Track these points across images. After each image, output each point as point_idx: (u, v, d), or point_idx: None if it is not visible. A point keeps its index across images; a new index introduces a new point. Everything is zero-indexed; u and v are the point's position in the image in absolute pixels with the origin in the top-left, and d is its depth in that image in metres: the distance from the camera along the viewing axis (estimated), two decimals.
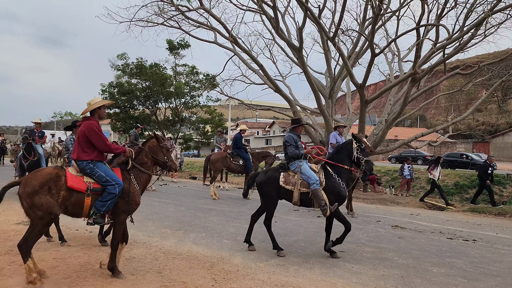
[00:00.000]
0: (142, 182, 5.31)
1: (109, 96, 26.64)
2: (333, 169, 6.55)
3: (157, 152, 5.43)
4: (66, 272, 5.22)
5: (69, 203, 4.78)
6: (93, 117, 5.17)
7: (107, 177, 4.92)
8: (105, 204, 4.86)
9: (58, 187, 4.70)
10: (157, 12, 15.69)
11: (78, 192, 4.81)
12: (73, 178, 4.84)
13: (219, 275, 5.30)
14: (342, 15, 13.40)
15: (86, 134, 4.97)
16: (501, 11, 12.63)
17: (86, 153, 4.97)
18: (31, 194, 4.56)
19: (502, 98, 45.53)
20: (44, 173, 4.75)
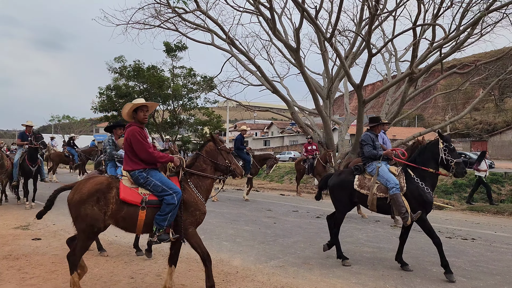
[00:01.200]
0: (204, 189, 4.78)
1: (107, 99, 26.62)
2: (416, 172, 5.92)
3: (216, 155, 4.88)
4: (65, 276, 5.19)
5: (120, 217, 4.37)
6: (134, 123, 4.70)
7: (163, 186, 4.44)
8: (165, 218, 4.38)
9: (107, 199, 4.31)
10: (154, 15, 15.70)
11: (131, 205, 4.37)
12: (126, 190, 4.43)
13: (218, 277, 5.29)
14: (339, 15, 13.45)
15: (129, 141, 4.56)
16: (497, 10, 12.68)
17: (136, 162, 4.55)
18: (78, 203, 4.28)
19: (499, 97, 45.67)
20: (95, 182, 4.40)
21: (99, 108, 26.75)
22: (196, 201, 4.63)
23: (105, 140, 6.84)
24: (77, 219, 4.32)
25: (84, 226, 4.29)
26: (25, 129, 11.20)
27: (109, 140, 6.78)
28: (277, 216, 10.36)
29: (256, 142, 70.29)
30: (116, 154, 6.64)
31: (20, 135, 11.32)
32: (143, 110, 4.70)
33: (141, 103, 4.70)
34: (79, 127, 63.73)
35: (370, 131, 6.47)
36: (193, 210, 4.59)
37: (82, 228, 4.31)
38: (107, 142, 6.74)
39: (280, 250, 6.81)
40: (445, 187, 17.24)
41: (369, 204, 5.99)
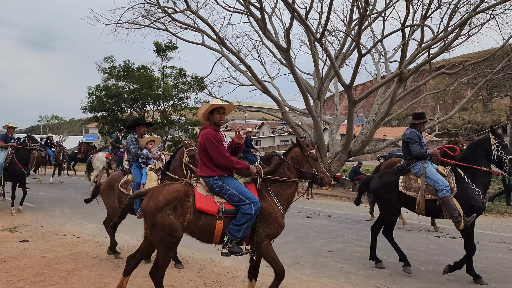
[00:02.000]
0: (285, 199, 4.42)
1: (96, 99, 26.39)
2: (466, 172, 5.52)
3: (302, 163, 4.47)
4: (53, 278, 5.15)
5: (196, 227, 4.14)
6: (209, 125, 4.40)
7: (240, 195, 4.14)
8: (240, 229, 4.06)
9: (185, 208, 4.08)
10: (144, 14, 15.59)
11: (208, 215, 4.12)
12: (202, 199, 4.17)
13: (208, 278, 5.29)
14: (329, 16, 13.50)
15: (203, 145, 4.27)
16: (484, 11, 12.84)
17: (210, 168, 4.24)
18: (154, 211, 4.05)
19: (487, 97, 46.21)
20: (172, 189, 4.17)
21: (89, 108, 26.49)
22: (275, 212, 4.28)
23: (127, 139, 6.58)
24: (153, 227, 4.09)
25: (162, 235, 4.05)
26: (7, 131, 10.76)
27: (132, 139, 6.44)
28: None
29: None
30: (141, 154, 6.38)
31: (3, 137, 10.65)
32: (219, 112, 4.40)
33: (218, 104, 4.44)
34: (68, 128, 63.17)
35: (415, 128, 6.01)
36: (271, 222, 4.25)
37: (160, 238, 4.07)
38: (130, 141, 6.42)
39: None
40: None
41: (418, 207, 5.60)
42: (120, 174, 6.44)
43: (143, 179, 6.00)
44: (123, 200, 5.87)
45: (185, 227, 4.10)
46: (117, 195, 6.15)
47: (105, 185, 6.38)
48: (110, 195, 6.24)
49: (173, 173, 5.97)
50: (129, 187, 6.08)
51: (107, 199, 6.30)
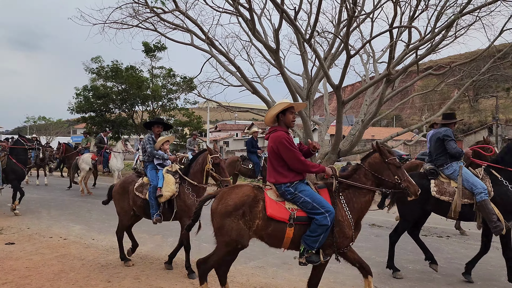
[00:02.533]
0: (357, 208, 4.10)
1: (84, 100, 26.15)
2: (502, 174, 5.26)
3: (381, 170, 4.15)
4: (39, 281, 5.09)
5: (265, 233, 4.00)
6: (279, 127, 4.19)
7: (314, 203, 3.91)
8: (317, 239, 3.87)
9: (254, 214, 3.95)
10: (132, 14, 15.46)
11: (278, 222, 3.95)
12: (273, 205, 3.99)
13: (197, 279, 5.26)
14: (318, 17, 13.54)
15: (275, 150, 4.05)
16: (470, 13, 12.99)
17: (282, 174, 4.05)
18: (223, 215, 3.98)
19: (473, 98, 46.90)
20: (242, 194, 4.04)
21: (76, 109, 26.27)
22: (343, 221, 3.99)
23: (145, 138, 6.35)
24: (220, 231, 4.03)
25: (227, 240, 3.99)
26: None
27: (149, 138, 6.20)
28: None
29: (237, 142, 70.21)
30: (157, 154, 6.14)
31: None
32: (292, 112, 4.18)
33: (291, 103, 4.21)
34: (55, 129, 62.44)
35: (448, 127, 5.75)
36: (337, 231, 3.96)
37: (224, 241, 4.03)
38: (147, 141, 6.18)
39: (260, 250, 6.81)
40: None
41: (452, 212, 5.31)
42: (135, 177, 6.15)
43: (160, 182, 5.71)
44: (138, 204, 5.75)
45: (254, 232, 4.00)
46: (131, 198, 5.88)
47: (118, 188, 6.09)
48: (123, 199, 5.97)
49: (192, 178, 5.69)
50: (145, 190, 5.79)
51: (119, 203, 6.03)
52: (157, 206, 5.61)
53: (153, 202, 5.61)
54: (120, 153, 14.78)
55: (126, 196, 5.93)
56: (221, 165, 5.54)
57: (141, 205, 5.76)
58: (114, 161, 14.56)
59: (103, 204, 6.55)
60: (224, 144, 69.61)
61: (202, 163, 5.65)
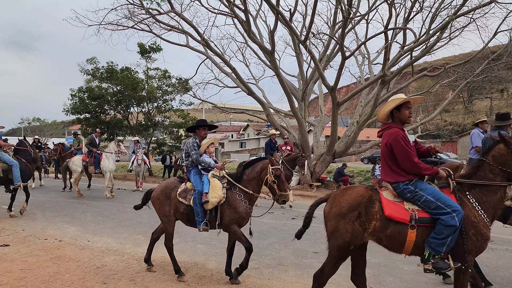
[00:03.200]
0: (490, 207, 3.72)
1: (79, 101, 26.05)
2: None
3: (509, 162, 3.72)
4: (35, 283, 5.06)
5: (384, 236, 3.77)
6: (394, 124, 3.96)
7: (438, 202, 3.61)
8: (443, 243, 3.55)
9: (370, 215, 3.75)
10: (127, 16, 15.48)
11: (398, 223, 3.70)
12: (391, 205, 3.77)
13: (193, 281, 5.27)
14: (313, 18, 13.61)
15: (389, 147, 3.85)
16: (464, 15, 13.12)
17: (398, 173, 3.83)
18: (337, 217, 3.82)
19: (468, 99, 47.22)
20: (356, 194, 3.87)
21: (71, 110, 26.15)
22: (477, 221, 3.64)
23: (187, 142, 5.84)
24: (333, 234, 3.86)
25: (340, 243, 3.82)
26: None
27: (193, 144, 5.72)
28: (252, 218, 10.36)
29: (232, 144, 70.22)
30: (203, 161, 5.63)
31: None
32: (408, 107, 3.94)
33: (407, 98, 3.95)
34: (50, 130, 62.17)
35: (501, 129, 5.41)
36: (473, 234, 3.62)
37: (337, 245, 3.85)
38: (192, 146, 5.70)
39: (255, 252, 6.80)
40: None
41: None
42: (177, 182, 5.75)
43: (205, 187, 5.33)
44: (181, 211, 5.43)
45: (369, 233, 3.80)
46: (173, 205, 5.51)
47: (159, 194, 5.70)
48: (164, 205, 5.59)
49: (246, 185, 5.30)
50: (189, 196, 5.41)
51: (161, 209, 5.65)
52: (203, 214, 5.29)
53: (199, 209, 5.25)
54: (113, 154, 14.54)
55: (168, 202, 5.58)
56: (282, 178, 5.16)
57: (184, 212, 5.42)
58: (106, 162, 14.34)
59: (135, 209, 6.26)
60: (219, 145, 69.56)
61: (261, 172, 5.26)
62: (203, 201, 5.21)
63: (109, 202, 12.88)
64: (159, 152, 29.47)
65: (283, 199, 5.14)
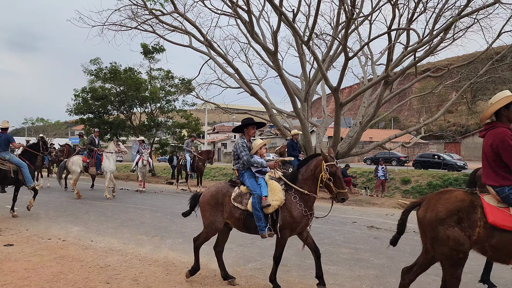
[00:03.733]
0: None
1: (82, 102, 26.15)
2: None
3: None
4: (38, 282, 5.08)
5: (489, 245, 3.50)
6: (501, 123, 3.68)
7: None
8: None
9: (472, 221, 3.50)
10: (131, 16, 15.50)
11: (505, 232, 3.42)
12: (494, 212, 3.50)
13: (196, 281, 5.27)
14: (316, 19, 13.57)
15: (494, 148, 3.59)
16: (468, 15, 13.07)
17: (503, 177, 3.55)
18: (434, 223, 3.62)
19: (471, 100, 47.11)
20: (454, 199, 3.64)
21: (75, 110, 26.26)
22: None
23: (237, 143, 5.40)
24: (435, 241, 3.68)
25: (446, 250, 3.60)
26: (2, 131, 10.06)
27: (243, 144, 5.32)
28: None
29: None
30: (255, 162, 5.28)
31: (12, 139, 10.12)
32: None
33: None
34: (53, 130, 62.33)
35: None
36: None
37: (444, 253, 3.63)
38: (241, 147, 5.30)
39: (258, 252, 6.83)
40: (420, 188, 17.62)
41: None
42: (228, 186, 5.37)
43: (264, 190, 4.99)
44: (237, 216, 5.07)
45: (473, 242, 3.55)
46: (227, 210, 5.15)
47: (209, 199, 5.30)
48: (216, 211, 5.21)
49: (301, 185, 4.98)
50: (245, 200, 5.07)
51: (210, 215, 5.25)
52: (265, 218, 4.93)
53: (260, 214, 4.89)
54: (113, 154, 14.43)
55: (220, 208, 5.21)
56: (338, 175, 4.81)
57: (240, 218, 5.07)
58: (107, 163, 14.19)
59: (183, 216, 5.81)
60: (222, 146, 69.62)
61: (315, 170, 4.94)
62: (264, 205, 4.89)
63: (112, 202, 12.92)
64: (162, 153, 29.53)
65: (342, 197, 4.78)
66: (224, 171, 24.23)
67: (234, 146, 5.53)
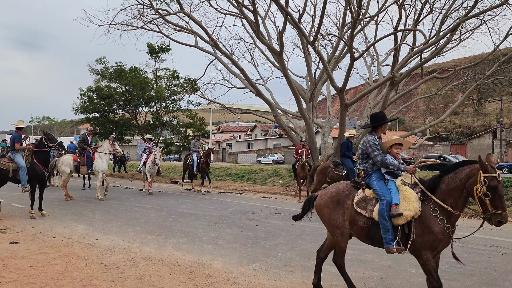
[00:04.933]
0: None
1: (88, 101, 26.29)
2: None
3: None
4: (43, 280, 5.11)
5: None
6: None
7: None
8: None
9: None
10: (137, 16, 15.59)
11: None
12: None
13: (200, 280, 5.27)
14: (322, 19, 13.56)
15: None
16: (475, 16, 13.00)
17: None
18: None
19: (477, 101, 46.86)
20: None
21: (80, 109, 26.41)
22: None
23: (367, 141, 4.71)
24: None
25: None
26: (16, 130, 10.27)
27: (375, 142, 4.63)
28: (259, 218, 10.37)
29: (240, 144, 70.27)
30: (391, 163, 4.53)
31: (18, 138, 10.12)
32: None
33: None
34: (59, 129, 62.75)
35: None
36: None
37: None
38: (373, 145, 4.61)
39: (262, 252, 6.82)
40: None
41: None
42: (350, 188, 4.71)
43: (395, 197, 4.30)
44: (360, 225, 4.43)
45: None
46: (348, 216, 4.53)
47: (327, 201, 4.68)
48: (337, 215, 4.59)
49: (444, 197, 4.11)
50: (370, 206, 4.40)
51: (332, 219, 4.63)
52: (393, 230, 4.24)
53: (388, 224, 4.21)
54: (107, 154, 13.86)
55: (340, 211, 4.59)
56: (499, 191, 3.83)
57: (363, 226, 4.41)
58: (99, 162, 13.60)
59: (294, 220, 5.28)
60: (226, 146, 69.67)
61: (466, 180, 4.01)
62: (394, 213, 4.19)
63: (117, 201, 12.96)
64: (167, 152, 29.62)
65: (499, 219, 3.80)
66: (228, 171, 24.24)
67: (362, 144, 4.81)
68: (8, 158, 9.99)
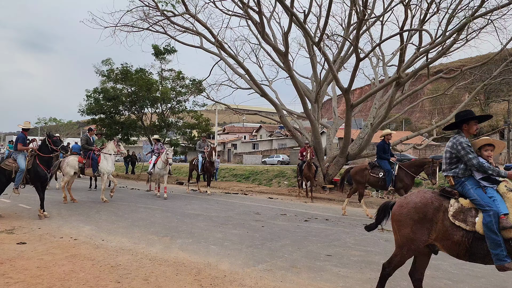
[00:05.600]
0: None
1: (94, 102, 26.43)
2: None
3: None
4: (50, 281, 5.13)
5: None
6: None
7: None
8: None
9: None
10: (142, 17, 15.66)
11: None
12: None
13: (206, 281, 5.27)
14: (327, 20, 13.54)
15: None
16: (481, 16, 12.91)
17: None
18: None
19: (484, 101, 46.56)
20: None
21: (87, 111, 26.55)
22: None
23: (458, 142, 4.13)
24: None
25: None
26: (22, 131, 10.34)
27: (468, 144, 4.08)
28: (265, 219, 10.36)
29: (245, 145, 70.31)
30: (490, 168, 3.95)
31: (21, 139, 10.12)
32: None
33: None
34: (66, 130, 63.10)
35: None
36: None
37: None
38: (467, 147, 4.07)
39: (268, 253, 6.81)
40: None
41: None
42: (438, 197, 4.15)
43: (501, 205, 3.75)
44: (456, 239, 3.89)
45: None
46: (440, 230, 4.00)
47: (411, 211, 4.14)
48: (421, 228, 4.07)
49: None
50: (470, 218, 3.86)
51: (413, 231, 4.12)
52: (504, 245, 3.70)
53: (499, 239, 3.67)
54: (112, 155, 13.53)
55: (427, 225, 4.05)
56: None
57: (461, 241, 3.87)
58: (105, 164, 13.28)
59: (367, 231, 5.09)
60: (232, 147, 69.72)
61: None
62: (506, 226, 3.66)
63: (123, 202, 13.01)
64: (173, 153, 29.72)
65: None
66: (234, 172, 24.25)
67: (451, 147, 4.22)
68: (12, 158, 10.09)
